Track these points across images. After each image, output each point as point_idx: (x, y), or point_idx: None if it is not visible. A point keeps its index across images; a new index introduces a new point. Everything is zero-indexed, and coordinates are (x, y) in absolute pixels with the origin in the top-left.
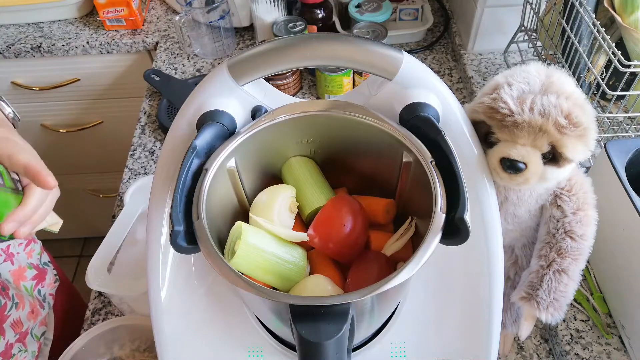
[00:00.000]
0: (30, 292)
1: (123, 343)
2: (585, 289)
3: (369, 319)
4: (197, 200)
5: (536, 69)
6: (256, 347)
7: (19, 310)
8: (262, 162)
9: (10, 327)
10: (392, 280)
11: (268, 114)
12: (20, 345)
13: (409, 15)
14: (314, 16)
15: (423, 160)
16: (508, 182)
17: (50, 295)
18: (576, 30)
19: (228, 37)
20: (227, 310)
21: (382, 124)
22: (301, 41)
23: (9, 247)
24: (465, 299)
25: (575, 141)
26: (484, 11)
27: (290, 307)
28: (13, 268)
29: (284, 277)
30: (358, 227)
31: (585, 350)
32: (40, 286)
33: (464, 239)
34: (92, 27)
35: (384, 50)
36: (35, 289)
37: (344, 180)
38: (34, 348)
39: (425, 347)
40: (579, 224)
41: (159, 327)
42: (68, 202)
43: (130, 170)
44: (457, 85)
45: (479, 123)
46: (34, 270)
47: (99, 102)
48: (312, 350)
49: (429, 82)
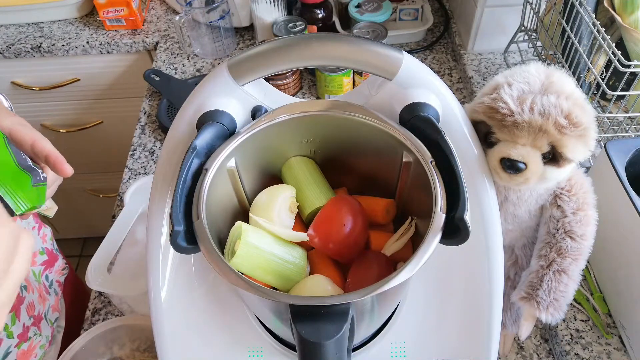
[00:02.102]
0: (38, 277)
1: (123, 343)
2: (585, 289)
3: (369, 319)
4: (197, 200)
5: (536, 69)
6: (256, 347)
7: (30, 293)
8: (262, 162)
9: (25, 310)
10: (392, 280)
11: (268, 114)
12: (35, 329)
13: (409, 15)
14: (314, 16)
15: (423, 160)
16: (508, 182)
17: (57, 282)
18: (576, 30)
19: (228, 37)
20: (227, 310)
21: (382, 124)
22: (301, 41)
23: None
24: (465, 299)
25: (575, 141)
26: (484, 11)
27: (290, 307)
28: None
29: (284, 277)
30: (358, 227)
31: (585, 350)
32: (48, 272)
33: (464, 239)
34: (92, 27)
35: (384, 50)
36: (43, 274)
37: (344, 180)
38: (47, 333)
39: (425, 347)
40: (579, 224)
41: (159, 327)
42: (68, 202)
43: (130, 170)
44: (457, 85)
45: (479, 123)
46: (45, 256)
47: (99, 102)
48: (312, 350)
49: (429, 82)
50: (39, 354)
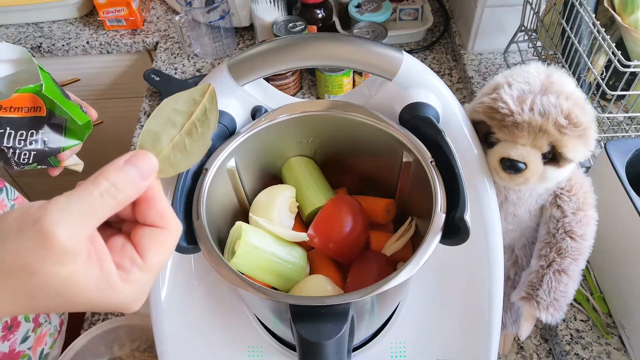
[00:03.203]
0: None
1: (123, 343)
2: (585, 289)
3: (369, 319)
4: (197, 200)
5: (536, 69)
6: (256, 347)
7: None
8: (262, 162)
9: None
10: (392, 280)
11: (268, 114)
12: (45, 316)
13: (409, 15)
14: (314, 16)
15: (423, 160)
16: (508, 182)
17: None
18: (576, 30)
19: (228, 37)
20: (227, 310)
21: (382, 124)
22: (301, 41)
23: None
24: (465, 299)
25: (575, 141)
26: (484, 11)
27: (290, 307)
28: None
29: (284, 277)
30: (358, 227)
31: (585, 350)
32: None
33: (464, 239)
34: (92, 27)
35: (384, 50)
36: None
37: (344, 180)
38: (56, 322)
39: (425, 347)
40: (579, 224)
41: (159, 327)
42: None
43: None
44: (457, 85)
45: (479, 123)
46: None
47: (99, 102)
48: (312, 350)
49: (429, 82)
50: (49, 342)
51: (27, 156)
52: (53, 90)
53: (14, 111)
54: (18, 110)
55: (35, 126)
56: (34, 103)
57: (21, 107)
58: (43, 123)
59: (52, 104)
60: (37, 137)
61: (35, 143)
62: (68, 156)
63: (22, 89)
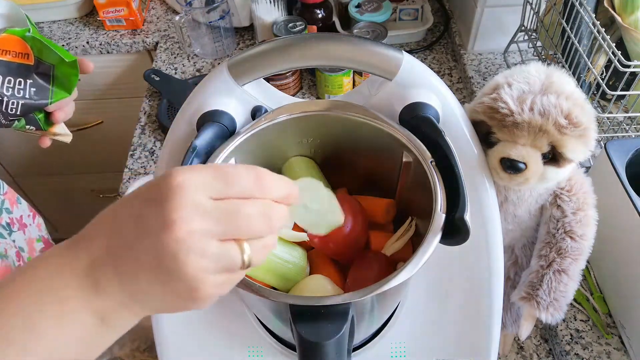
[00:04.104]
0: None
1: (123, 343)
2: (585, 289)
3: (369, 319)
4: None
5: (536, 69)
6: (256, 347)
7: None
8: (262, 162)
9: None
10: (392, 280)
11: (268, 114)
12: None
13: (409, 15)
14: (314, 16)
15: (423, 160)
16: (508, 182)
17: None
18: (576, 30)
19: (228, 37)
20: (227, 310)
21: (382, 124)
22: (301, 41)
23: (22, 217)
24: (465, 299)
25: (575, 141)
26: (484, 11)
27: (290, 307)
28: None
29: (284, 277)
30: (358, 227)
31: (585, 350)
32: None
33: (464, 239)
34: (92, 27)
35: (384, 50)
36: None
37: (344, 180)
38: None
39: (425, 347)
40: (579, 224)
41: (159, 327)
42: (68, 202)
43: (130, 170)
44: (457, 85)
45: (479, 123)
46: (42, 243)
47: (99, 102)
48: (312, 350)
49: (429, 82)
50: None
51: (15, 106)
52: (40, 35)
53: (3, 54)
54: (6, 54)
55: (23, 74)
56: (22, 49)
57: (9, 50)
58: (31, 72)
59: (40, 47)
60: (25, 87)
61: (23, 92)
62: (58, 116)
63: (11, 30)
